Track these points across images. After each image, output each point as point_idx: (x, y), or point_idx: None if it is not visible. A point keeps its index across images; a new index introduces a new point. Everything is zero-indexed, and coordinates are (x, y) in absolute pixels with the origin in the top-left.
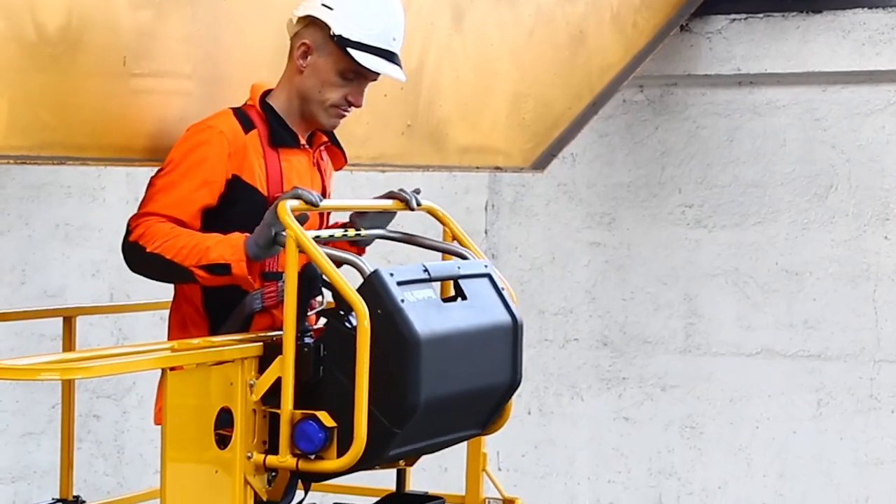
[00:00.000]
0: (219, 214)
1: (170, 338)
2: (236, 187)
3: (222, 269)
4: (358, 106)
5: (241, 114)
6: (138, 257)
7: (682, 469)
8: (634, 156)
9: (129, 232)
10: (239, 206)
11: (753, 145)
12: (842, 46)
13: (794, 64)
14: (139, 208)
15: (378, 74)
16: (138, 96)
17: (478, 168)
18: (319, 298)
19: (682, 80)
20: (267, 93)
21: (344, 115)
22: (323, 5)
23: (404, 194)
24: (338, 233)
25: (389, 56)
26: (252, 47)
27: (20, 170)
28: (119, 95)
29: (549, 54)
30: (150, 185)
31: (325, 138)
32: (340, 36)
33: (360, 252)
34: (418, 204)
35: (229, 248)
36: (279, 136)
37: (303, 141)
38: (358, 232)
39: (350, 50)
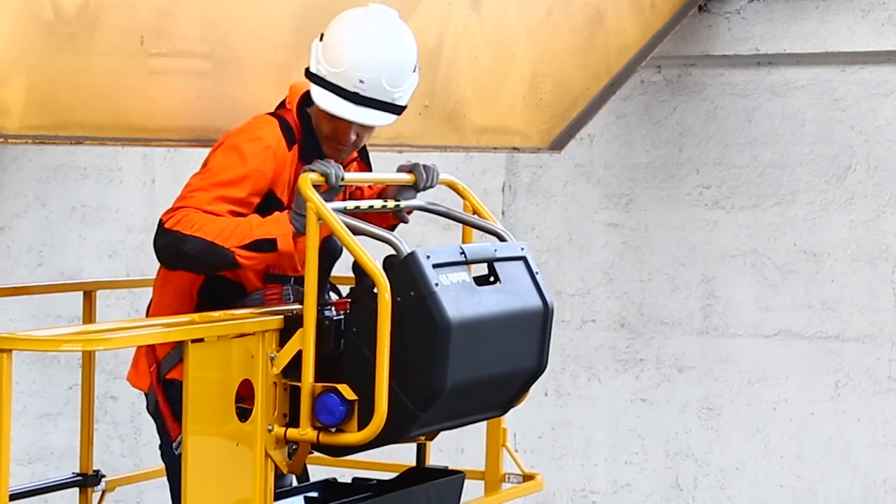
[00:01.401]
0: None
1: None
2: (268, 199)
3: (268, 244)
4: (344, 144)
5: (285, 126)
6: (174, 243)
7: (699, 450)
8: (652, 137)
9: (162, 224)
10: (263, 216)
11: (772, 126)
12: (861, 26)
13: (813, 44)
14: (174, 203)
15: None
16: (156, 76)
17: (495, 149)
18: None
19: (701, 61)
20: (306, 97)
21: (339, 149)
22: (321, 34)
23: (420, 171)
24: (377, 203)
25: (357, 98)
26: (270, 28)
27: (37, 151)
28: (137, 75)
29: (567, 35)
30: (189, 184)
31: (356, 154)
32: (308, 69)
33: (395, 224)
34: (430, 186)
35: (274, 224)
36: (313, 153)
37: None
38: (397, 203)
39: (312, 85)
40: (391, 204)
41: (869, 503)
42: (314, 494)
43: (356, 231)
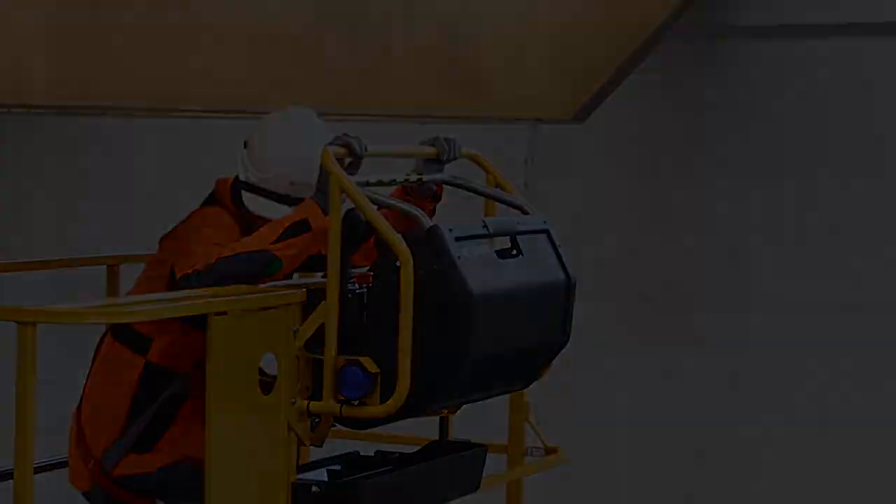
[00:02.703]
0: None
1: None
2: None
3: (301, 226)
4: None
5: (233, 215)
6: (205, 277)
7: (723, 423)
8: (676, 108)
9: (187, 276)
10: None
11: (797, 97)
12: None
13: (840, 15)
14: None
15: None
16: (178, 48)
17: (518, 119)
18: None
19: (726, 32)
20: (236, 187)
21: None
22: (244, 141)
23: (442, 143)
24: (399, 177)
25: (289, 200)
26: (292, 1)
27: (58, 121)
28: (160, 47)
29: (592, 6)
30: (183, 254)
31: None
32: (237, 177)
33: (431, 209)
34: (453, 158)
35: (300, 210)
36: None
37: None
38: (420, 176)
39: (244, 192)
40: (413, 177)
41: (894, 477)
42: (337, 467)
43: (379, 204)
